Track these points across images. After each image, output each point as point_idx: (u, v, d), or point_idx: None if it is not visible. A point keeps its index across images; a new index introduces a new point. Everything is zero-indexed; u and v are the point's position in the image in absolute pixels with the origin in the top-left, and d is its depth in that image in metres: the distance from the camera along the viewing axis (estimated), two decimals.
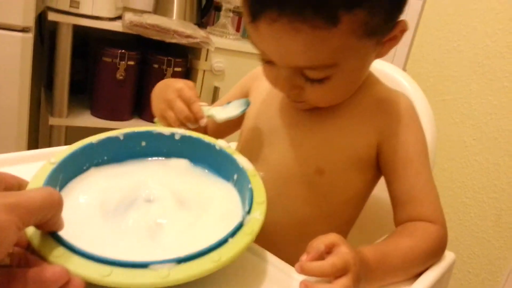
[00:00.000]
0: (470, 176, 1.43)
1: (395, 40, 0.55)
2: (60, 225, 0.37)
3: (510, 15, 1.34)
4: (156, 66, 1.47)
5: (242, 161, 0.50)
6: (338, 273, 0.42)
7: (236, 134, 0.77)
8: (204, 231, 0.41)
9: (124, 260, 0.35)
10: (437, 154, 0.61)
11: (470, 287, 1.45)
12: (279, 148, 0.63)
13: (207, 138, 0.54)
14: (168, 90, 0.61)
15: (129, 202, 0.45)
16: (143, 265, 0.35)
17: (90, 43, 1.52)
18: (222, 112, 0.61)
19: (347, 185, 0.62)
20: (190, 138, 0.54)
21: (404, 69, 1.59)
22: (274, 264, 0.48)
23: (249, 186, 0.46)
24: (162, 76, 1.48)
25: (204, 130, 0.74)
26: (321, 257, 0.43)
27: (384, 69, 0.85)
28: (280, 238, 0.62)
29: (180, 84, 0.62)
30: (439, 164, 1.52)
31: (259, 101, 0.68)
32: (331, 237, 0.45)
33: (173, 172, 0.52)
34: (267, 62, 0.56)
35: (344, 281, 0.41)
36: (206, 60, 1.52)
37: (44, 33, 1.53)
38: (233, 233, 0.39)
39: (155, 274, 0.34)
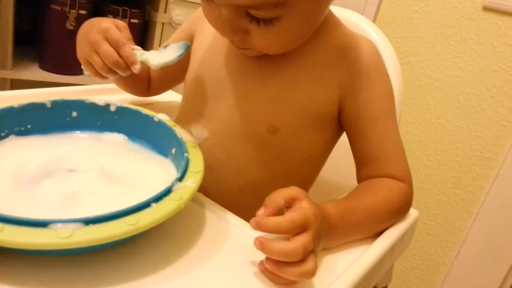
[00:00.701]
0: (433, 139, 1.43)
1: None
2: None
3: None
4: (110, 16, 1.36)
5: (182, 133, 0.46)
6: (296, 230, 0.37)
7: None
8: (127, 204, 0.36)
9: (18, 217, 0.30)
10: (401, 117, 0.57)
11: (428, 248, 1.47)
12: (227, 102, 0.55)
13: (145, 110, 0.49)
14: (93, 31, 0.52)
15: (47, 172, 0.39)
16: (41, 224, 0.30)
17: None
18: (158, 56, 0.52)
19: (304, 144, 0.56)
20: (127, 109, 0.49)
21: None
22: (229, 220, 0.44)
23: (185, 155, 0.41)
24: None
25: (143, 81, 0.66)
26: (279, 212, 0.39)
27: (351, 18, 0.80)
28: (232, 204, 0.56)
29: (107, 23, 0.52)
30: (402, 126, 1.51)
31: (205, 47, 0.60)
32: (291, 191, 0.40)
33: (105, 146, 0.47)
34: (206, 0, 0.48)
35: (303, 238, 0.37)
36: (165, 12, 1.42)
37: None
38: (157, 198, 0.35)
39: (55, 234, 0.29)
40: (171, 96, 0.80)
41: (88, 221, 0.31)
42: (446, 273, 1.43)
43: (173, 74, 0.67)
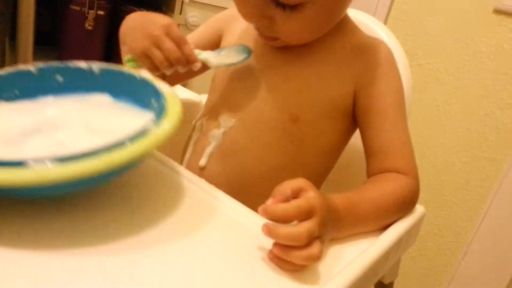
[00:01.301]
0: (442, 141, 1.45)
1: None
2: None
3: None
4: None
5: (162, 86, 0.46)
6: (302, 216, 0.39)
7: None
8: None
9: None
10: (411, 118, 0.60)
11: (436, 248, 1.49)
12: (253, 93, 0.60)
13: (128, 70, 0.50)
14: (153, 26, 0.54)
15: (33, 130, 0.41)
16: (17, 163, 0.31)
17: None
18: (217, 57, 0.56)
19: (322, 134, 0.60)
20: (110, 71, 0.49)
21: None
22: (238, 210, 0.47)
23: (162, 102, 0.42)
24: None
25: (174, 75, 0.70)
26: (287, 202, 0.41)
27: (363, 20, 0.83)
28: (252, 189, 0.60)
29: (167, 20, 0.55)
30: (411, 128, 1.51)
31: (232, 44, 0.65)
32: (299, 182, 0.42)
33: (90, 106, 0.48)
34: None
35: (308, 224, 0.39)
36: (180, 13, 1.46)
37: None
38: (133, 138, 0.36)
39: (32, 171, 0.31)
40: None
41: (63, 159, 0.31)
42: (453, 273, 1.45)
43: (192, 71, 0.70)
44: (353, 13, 0.84)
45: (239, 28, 0.65)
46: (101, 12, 1.35)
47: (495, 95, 1.33)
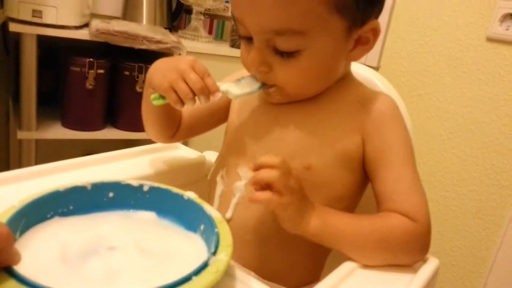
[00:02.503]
0: (449, 170, 1.44)
1: (368, 44, 0.57)
2: (13, 260, 0.36)
3: (480, 8, 1.34)
4: (127, 73, 1.43)
5: (210, 209, 0.50)
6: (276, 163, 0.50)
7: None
8: (165, 278, 0.39)
9: None
10: (415, 149, 0.61)
11: (454, 280, 1.45)
12: (265, 144, 0.63)
13: (175, 189, 0.54)
14: (180, 61, 0.58)
15: (90, 250, 0.44)
16: None
17: (58, 52, 1.47)
18: (236, 88, 0.59)
19: (336, 182, 0.61)
20: (158, 189, 0.54)
21: (378, 65, 1.59)
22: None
23: (215, 230, 0.46)
24: (133, 84, 1.44)
25: (175, 125, 0.73)
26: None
27: (356, 69, 0.84)
28: (276, 235, 0.60)
29: (192, 57, 0.60)
30: (417, 158, 1.51)
31: (240, 100, 0.69)
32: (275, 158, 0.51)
33: (138, 224, 0.51)
34: (243, 38, 0.58)
35: (273, 175, 0.50)
36: None
37: (9, 43, 1.47)
38: (197, 272, 0.39)
39: None
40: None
41: None
42: None
43: (204, 122, 0.74)
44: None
45: None
46: (101, 71, 1.38)
47: (497, 121, 1.33)
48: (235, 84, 0.60)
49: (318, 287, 0.48)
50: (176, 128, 0.73)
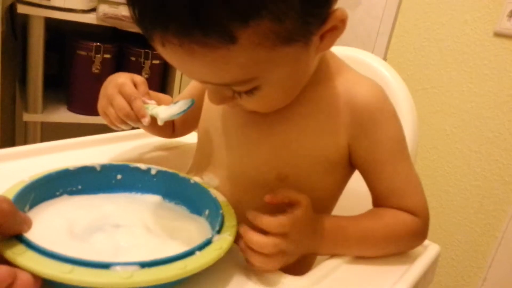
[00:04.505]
0: (452, 164, 1.44)
1: (337, 30, 0.46)
2: (21, 229, 0.37)
3: (488, 3, 1.34)
4: (133, 59, 1.44)
5: (215, 193, 0.51)
6: (279, 231, 0.45)
7: None
8: (169, 254, 0.40)
9: (85, 260, 0.35)
10: (419, 143, 0.58)
11: (454, 274, 1.46)
12: (235, 151, 0.58)
13: (182, 174, 0.54)
14: (110, 85, 0.58)
15: (96, 227, 0.45)
16: (104, 266, 0.35)
17: (65, 36, 1.48)
18: (166, 111, 0.55)
19: (315, 189, 0.56)
20: (165, 173, 0.54)
21: (384, 58, 1.59)
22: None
23: (220, 212, 0.47)
24: (140, 69, 1.44)
25: (168, 126, 0.70)
26: (281, 204, 0.48)
27: (364, 58, 0.84)
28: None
29: (122, 78, 0.58)
30: (420, 153, 1.52)
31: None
32: (300, 198, 0.48)
33: (144, 205, 0.52)
34: None
35: (278, 240, 0.44)
36: None
37: (17, 26, 1.48)
38: (200, 247, 0.40)
39: (117, 275, 0.34)
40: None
41: (144, 265, 0.36)
42: None
43: (197, 118, 0.69)
44: (351, 51, 0.86)
45: None
46: (107, 56, 1.38)
47: (502, 117, 1.33)
48: (168, 107, 0.56)
49: (317, 269, 0.49)
50: (170, 128, 0.72)
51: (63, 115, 1.44)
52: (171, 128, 0.73)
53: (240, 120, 0.57)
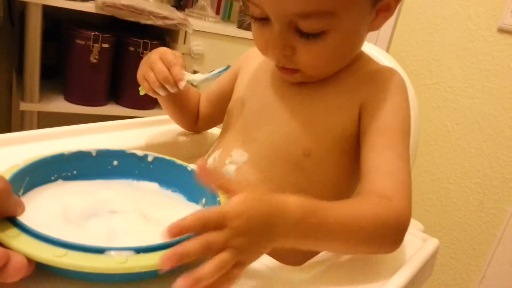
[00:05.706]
0: (453, 161, 1.43)
1: (389, 10, 0.54)
2: (15, 211, 0.36)
3: None
4: (132, 49, 1.42)
5: None
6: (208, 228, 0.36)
7: None
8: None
9: (79, 244, 0.34)
10: (419, 139, 0.57)
11: (452, 272, 1.45)
12: (268, 127, 0.60)
13: (179, 161, 0.54)
14: (152, 54, 0.63)
15: (92, 213, 0.44)
16: (99, 250, 0.34)
17: (63, 25, 1.46)
18: (201, 76, 0.61)
19: (334, 168, 0.59)
20: (162, 160, 0.54)
21: (387, 52, 1.57)
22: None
23: (217, 199, 0.45)
24: (138, 60, 1.40)
25: (192, 113, 0.74)
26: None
27: (367, 50, 0.82)
28: None
29: (164, 48, 0.63)
30: (421, 149, 1.50)
31: (247, 80, 0.67)
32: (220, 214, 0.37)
33: (140, 192, 0.51)
34: (260, 20, 0.53)
35: (219, 258, 0.35)
36: (184, 43, 1.47)
37: (14, 14, 1.46)
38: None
39: (111, 259, 0.33)
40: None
41: (139, 250, 0.35)
42: None
43: (219, 108, 0.72)
44: None
45: (254, 64, 0.67)
46: (106, 45, 1.36)
47: (504, 114, 1.32)
48: (203, 74, 0.62)
49: (314, 260, 0.48)
50: (194, 117, 0.75)
51: (60, 105, 1.42)
52: (195, 117, 0.75)
53: (275, 98, 0.62)
